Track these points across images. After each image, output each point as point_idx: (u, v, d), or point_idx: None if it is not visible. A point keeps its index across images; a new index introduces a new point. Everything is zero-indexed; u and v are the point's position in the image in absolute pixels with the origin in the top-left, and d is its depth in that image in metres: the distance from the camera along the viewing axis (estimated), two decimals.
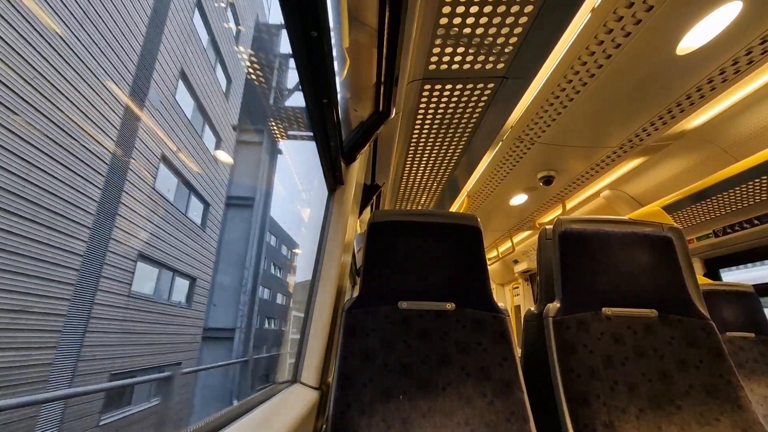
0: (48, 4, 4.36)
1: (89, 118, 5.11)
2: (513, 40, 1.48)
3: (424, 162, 2.54)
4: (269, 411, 0.92)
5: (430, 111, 1.95)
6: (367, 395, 1.12)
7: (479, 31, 1.44)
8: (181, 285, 8.92)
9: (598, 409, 1.15)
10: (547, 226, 1.68)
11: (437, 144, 2.29)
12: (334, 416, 1.08)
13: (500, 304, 1.34)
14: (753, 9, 1.40)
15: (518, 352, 1.47)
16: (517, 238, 4.77)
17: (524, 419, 1.11)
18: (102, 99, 5.30)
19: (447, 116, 2.00)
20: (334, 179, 1.45)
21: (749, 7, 1.40)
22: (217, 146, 10.33)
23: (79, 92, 4.92)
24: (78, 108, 4.91)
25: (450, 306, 1.30)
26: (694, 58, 1.65)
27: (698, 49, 1.59)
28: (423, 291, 1.33)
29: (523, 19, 1.38)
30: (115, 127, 5.67)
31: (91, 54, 5.07)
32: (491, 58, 1.58)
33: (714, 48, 1.59)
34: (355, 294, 1.34)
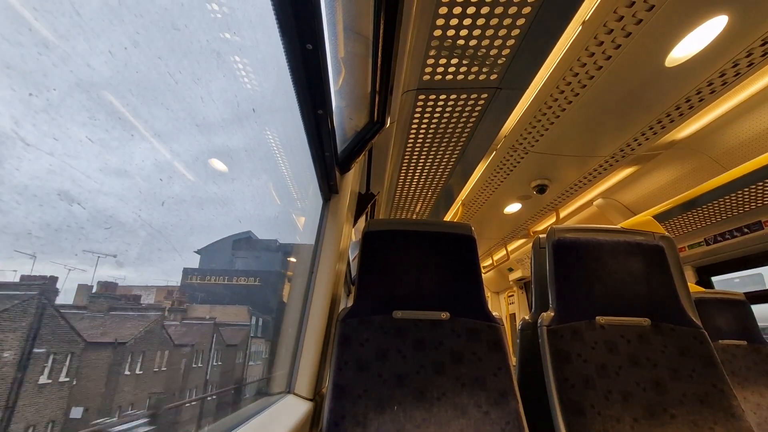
0: None
1: None
2: (506, 51, 1.50)
3: (419, 171, 2.56)
4: (262, 423, 0.91)
5: (425, 121, 1.97)
6: (362, 406, 1.11)
7: (473, 42, 1.46)
8: None
9: (593, 418, 1.15)
10: (541, 235, 1.69)
11: (432, 153, 2.30)
12: (328, 428, 1.07)
13: (495, 313, 1.34)
14: (738, 23, 1.44)
15: (513, 361, 1.47)
16: (511, 246, 4.78)
17: (519, 429, 1.10)
18: None
19: (441, 126, 2.01)
20: (328, 188, 1.45)
21: (735, 21, 1.43)
22: None
23: None
24: None
25: (444, 315, 1.30)
26: (683, 69, 1.68)
27: (687, 61, 1.63)
28: (417, 300, 1.33)
29: (516, 31, 1.40)
30: None
31: None
32: (485, 69, 1.60)
33: (702, 60, 1.63)
34: (350, 303, 1.34)
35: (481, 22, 1.37)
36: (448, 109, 1.87)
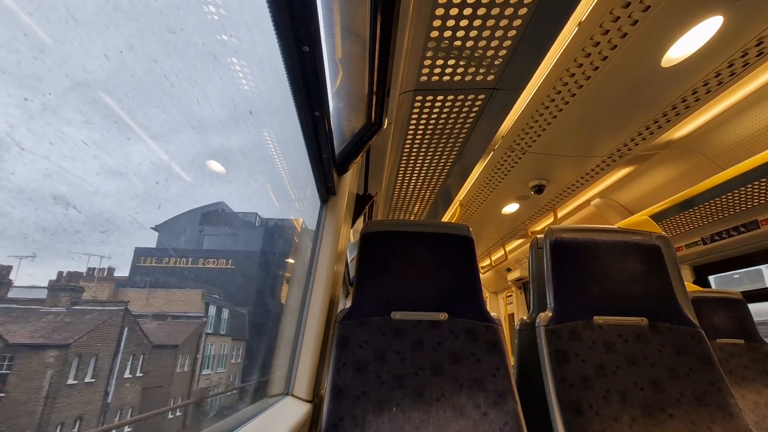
0: None
1: None
2: (502, 52, 1.50)
3: (417, 172, 2.56)
4: (260, 425, 0.91)
5: (422, 122, 1.97)
6: (360, 407, 1.11)
7: (469, 43, 1.47)
8: None
9: (591, 418, 1.15)
10: (539, 236, 1.69)
11: (429, 154, 2.30)
12: (326, 429, 1.07)
13: (493, 314, 1.34)
14: (733, 23, 1.45)
15: (512, 361, 1.47)
16: (509, 247, 4.79)
17: (518, 429, 1.10)
18: None
19: (439, 127, 2.01)
20: (326, 190, 1.45)
21: (730, 22, 1.44)
22: None
23: None
24: None
25: (443, 316, 1.30)
26: (678, 70, 1.69)
27: (682, 61, 1.63)
28: (416, 301, 1.33)
29: (512, 33, 1.41)
30: None
31: None
32: (481, 70, 1.60)
33: (698, 60, 1.63)
34: (348, 304, 1.34)
35: (477, 23, 1.37)
36: (446, 110, 1.87)
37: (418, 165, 2.46)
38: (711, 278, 3.22)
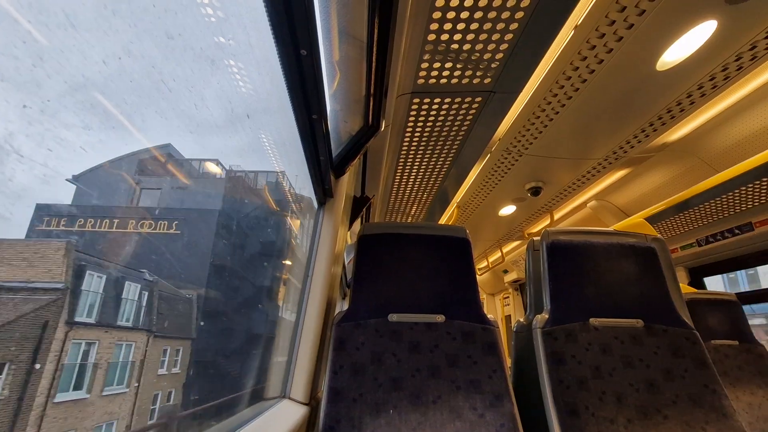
0: None
1: None
2: (499, 55, 1.51)
3: (414, 174, 2.56)
4: (258, 428, 0.91)
5: (419, 124, 1.98)
6: (357, 410, 1.11)
7: (467, 46, 1.47)
8: None
9: (587, 420, 1.16)
10: (535, 238, 1.70)
11: (426, 156, 2.31)
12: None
13: (490, 316, 1.35)
14: (727, 27, 1.46)
15: (509, 363, 1.48)
16: (506, 248, 4.80)
17: (514, 431, 1.11)
18: None
19: (436, 129, 2.02)
20: (323, 192, 1.45)
21: (724, 26, 1.45)
22: None
23: None
24: None
25: (440, 318, 1.31)
26: (673, 73, 1.70)
27: (677, 65, 1.65)
28: (413, 303, 1.33)
29: (509, 36, 1.42)
30: None
31: None
32: (479, 73, 1.61)
33: (692, 64, 1.65)
34: (345, 307, 1.34)
35: (474, 26, 1.38)
36: (443, 112, 1.88)
37: (415, 167, 2.46)
38: None
